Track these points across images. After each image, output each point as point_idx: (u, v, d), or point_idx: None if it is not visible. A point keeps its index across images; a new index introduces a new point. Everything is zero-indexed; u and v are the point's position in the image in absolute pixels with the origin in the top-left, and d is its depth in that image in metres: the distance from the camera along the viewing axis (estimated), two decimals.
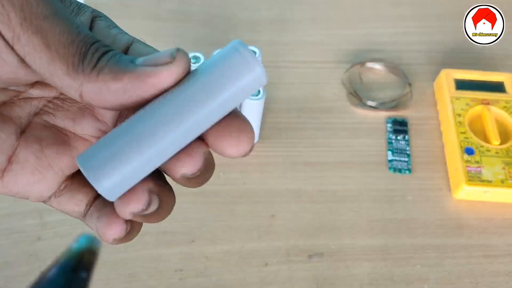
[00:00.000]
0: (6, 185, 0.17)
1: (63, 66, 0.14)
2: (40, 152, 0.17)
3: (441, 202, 0.40)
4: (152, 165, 0.15)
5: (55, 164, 0.17)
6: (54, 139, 0.17)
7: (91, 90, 0.14)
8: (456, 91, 0.44)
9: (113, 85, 0.14)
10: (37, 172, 0.17)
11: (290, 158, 0.42)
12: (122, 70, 0.14)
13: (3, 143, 0.16)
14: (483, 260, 0.36)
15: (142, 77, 0.14)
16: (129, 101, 0.14)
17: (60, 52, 0.14)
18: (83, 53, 0.14)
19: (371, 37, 0.52)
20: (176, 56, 0.14)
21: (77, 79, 0.14)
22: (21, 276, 0.34)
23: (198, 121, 0.15)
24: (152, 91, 0.14)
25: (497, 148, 0.40)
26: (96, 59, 0.14)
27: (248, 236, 0.37)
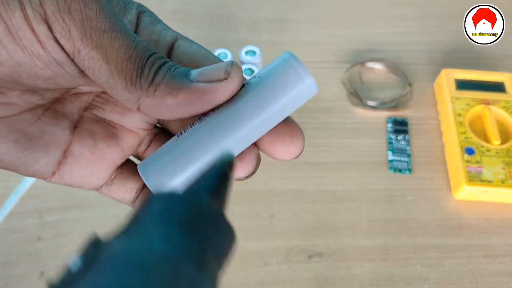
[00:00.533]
0: (61, 177, 0.18)
1: (122, 81, 0.14)
2: (93, 146, 0.18)
3: (441, 202, 0.40)
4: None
5: (107, 156, 0.18)
6: (105, 133, 0.18)
7: (148, 105, 0.15)
8: (457, 91, 0.44)
9: (169, 101, 0.14)
10: (91, 165, 0.18)
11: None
12: (178, 86, 0.14)
13: (58, 139, 0.17)
14: (483, 260, 0.36)
15: (198, 94, 0.14)
16: (185, 115, 0.15)
17: (119, 67, 0.14)
18: (140, 68, 0.14)
19: (371, 37, 0.52)
20: (231, 72, 0.15)
21: (135, 94, 0.15)
22: (21, 276, 0.34)
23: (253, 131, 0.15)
24: (207, 107, 0.15)
25: (497, 148, 0.40)
26: (153, 74, 0.15)
27: (248, 236, 0.37)
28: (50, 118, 0.17)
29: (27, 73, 0.15)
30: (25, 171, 0.17)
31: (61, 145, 0.17)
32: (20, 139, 0.16)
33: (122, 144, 0.18)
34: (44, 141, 0.17)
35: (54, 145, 0.17)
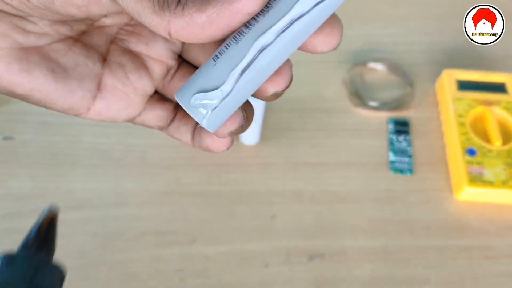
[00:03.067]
0: (98, 111, 0.18)
1: (150, 5, 0.14)
2: (125, 78, 0.18)
3: (442, 203, 0.39)
4: (248, 94, 0.15)
5: (140, 87, 0.18)
6: (135, 64, 0.18)
7: (178, 26, 0.14)
8: (458, 91, 0.44)
9: (199, 18, 0.14)
10: (125, 97, 0.18)
11: (291, 159, 0.42)
12: (205, 1, 0.14)
13: (90, 71, 0.17)
14: (484, 261, 0.36)
15: (226, 5, 0.14)
16: (217, 32, 0.14)
17: None
18: None
19: (372, 37, 0.52)
20: None
21: (164, 16, 0.14)
22: None
23: (293, 48, 0.15)
24: (238, 18, 0.14)
25: (498, 149, 0.40)
26: None
27: (249, 237, 0.37)
28: (81, 49, 0.17)
29: (63, 0, 0.15)
30: (62, 104, 0.17)
31: (94, 77, 0.18)
32: (55, 68, 0.17)
33: (152, 74, 0.19)
34: (77, 73, 0.17)
35: (88, 77, 0.17)
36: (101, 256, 0.36)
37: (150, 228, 0.37)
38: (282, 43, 0.14)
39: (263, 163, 0.42)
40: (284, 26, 0.14)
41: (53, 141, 0.33)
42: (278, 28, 0.14)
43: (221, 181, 0.40)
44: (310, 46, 0.16)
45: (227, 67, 0.15)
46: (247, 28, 0.14)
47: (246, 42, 0.14)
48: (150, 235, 0.37)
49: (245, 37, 0.14)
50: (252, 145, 0.43)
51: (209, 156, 0.42)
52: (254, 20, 0.14)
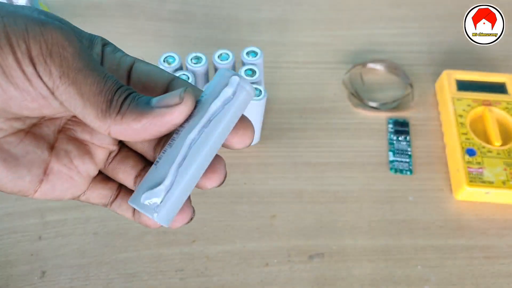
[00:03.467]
0: (44, 192, 0.20)
1: (93, 112, 0.17)
2: (70, 163, 0.20)
3: (442, 203, 0.40)
4: (191, 188, 0.18)
5: (83, 170, 0.21)
6: (79, 150, 0.21)
7: (117, 130, 0.18)
8: (458, 92, 0.44)
9: (134, 125, 0.17)
10: (70, 179, 0.21)
11: (291, 159, 0.42)
12: (141, 113, 0.17)
13: (39, 158, 0.20)
14: (484, 261, 0.36)
15: (158, 117, 0.17)
16: (149, 136, 0.18)
17: (91, 100, 0.17)
18: (109, 101, 0.17)
19: (372, 37, 0.52)
20: (184, 97, 0.17)
21: (106, 122, 0.17)
22: (22, 275, 0.35)
23: (217, 142, 0.18)
24: (167, 127, 0.18)
25: (498, 149, 0.40)
26: (120, 104, 0.17)
27: (249, 237, 0.37)
28: (31, 140, 0.20)
29: (17, 105, 0.18)
30: (11, 188, 0.19)
31: (42, 164, 0.20)
32: (7, 158, 0.19)
33: (94, 159, 0.21)
34: (27, 160, 0.19)
35: (36, 163, 0.20)
36: (101, 256, 0.36)
37: (151, 228, 0.37)
38: (206, 136, 0.18)
39: (263, 163, 0.42)
40: (205, 123, 0.18)
41: None
42: (200, 125, 0.18)
43: None
44: (229, 144, 0.19)
45: (166, 165, 0.18)
46: (177, 134, 0.18)
47: (178, 142, 0.18)
48: (151, 234, 0.37)
49: (176, 140, 0.18)
50: (252, 145, 0.43)
51: None
52: (181, 127, 0.18)
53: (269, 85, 0.47)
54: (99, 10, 0.53)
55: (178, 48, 0.50)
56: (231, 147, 0.19)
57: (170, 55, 0.39)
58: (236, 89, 0.18)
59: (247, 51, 0.39)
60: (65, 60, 0.17)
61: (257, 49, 0.39)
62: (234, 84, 0.18)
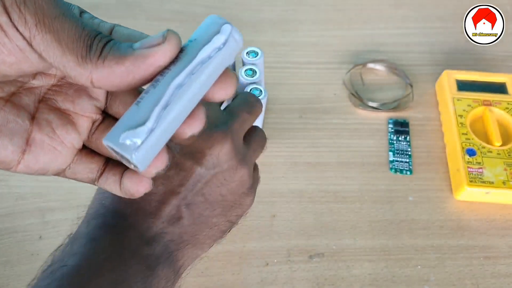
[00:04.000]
0: (27, 165, 0.20)
1: (73, 58, 0.17)
2: (52, 132, 0.20)
3: (442, 203, 0.40)
4: (171, 133, 0.17)
5: (67, 141, 0.20)
6: (61, 120, 0.20)
7: (99, 76, 0.17)
8: (458, 92, 0.44)
9: (117, 69, 0.17)
10: (53, 150, 0.20)
11: (292, 159, 0.42)
12: (123, 55, 0.17)
13: (20, 128, 0.19)
14: (484, 262, 0.36)
15: (141, 58, 0.17)
16: (134, 82, 0.17)
17: (70, 46, 0.17)
18: (89, 45, 0.17)
19: (372, 38, 0.52)
20: (167, 37, 0.17)
21: (86, 68, 0.17)
22: (23, 275, 0.35)
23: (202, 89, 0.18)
24: (152, 70, 0.17)
25: (498, 149, 0.40)
26: (101, 49, 0.17)
27: (249, 236, 0.37)
28: (11, 109, 0.19)
29: None
30: None
31: (23, 133, 0.19)
32: None
33: (78, 128, 0.21)
34: (8, 129, 0.19)
35: (18, 133, 0.19)
36: None
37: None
38: (193, 82, 0.17)
39: (263, 162, 0.42)
40: (192, 68, 0.17)
41: None
42: (188, 71, 0.17)
43: None
44: (211, 95, 0.19)
45: (149, 106, 0.17)
46: (162, 76, 0.17)
47: (163, 85, 0.17)
48: None
49: (161, 82, 0.17)
50: None
51: None
52: (167, 69, 0.17)
53: (270, 85, 0.47)
54: (100, 10, 0.53)
55: None
56: (212, 98, 0.19)
57: None
58: (228, 37, 0.18)
59: (248, 51, 0.39)
60: (40, 7, 0.16)
61: (258, 49, 0.39)
62: (226, 32, 0.18)
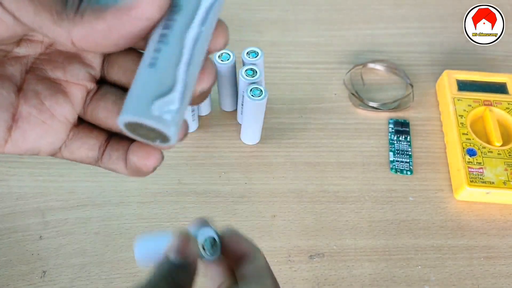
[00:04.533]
0: (15, 143, 0.17)
1: (48, 16, 0.15)
2: (40, 104, 0.18)
3: (442, 203, 0.40)
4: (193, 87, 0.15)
5: (58, 113, 0.18)
6: (51, 90, 0.18)
7: (79, 35, 0.15)
8: (458, 92, 0.44)
9: (98, 25, 0.14)
10: (42, 124, 0.18)
11: (292, 159, 0.42)
12: (104, 8, 0.14)
13: (4, 100, 0.17)
14: (484, 262, 0.36)
15: (124, 11, 0.14)
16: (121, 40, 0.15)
17: (43, 2, 0.15)
18: (63, 1, 0.15)
19: (372, 38, 0.52)
20: None
21: (64, 26, 0.15)
22: (23, 275, 0.35)
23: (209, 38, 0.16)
24: (139, 24, 0.15)
25: (499, 149, 0.40)
26: (78, 3, 0.15)
27: (250, 236, 0.37)
28: None
29: None
30: None
31: (9, 107, 0.17)
32: None
33: (70, 99, 0.18)
34: None
35: (2, 106, 0.17)
36: (102, 255, 0.36)
37: (152, 227, 0.37)
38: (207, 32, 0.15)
39: (263, 162, 0.42)
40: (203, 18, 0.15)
41: None
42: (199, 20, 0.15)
43: (222, 180, 0.40)
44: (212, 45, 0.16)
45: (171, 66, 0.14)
46: (169, 30, 0.15)
47: (176, 40, 0.14)
48: None
49: (171, 37, 0.15)
50: (252, 144, 0.43)
51: (210, 156, 0.42)
52: (171, 21, 0.15)
53: (270, 85, 0.47)
54: None
55: None
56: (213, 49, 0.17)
57: None
58: None
59: (248, 51, 0.39)
60: None
61: (258, 49, 0.39)
62: None
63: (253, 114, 0.39)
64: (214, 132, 0.44)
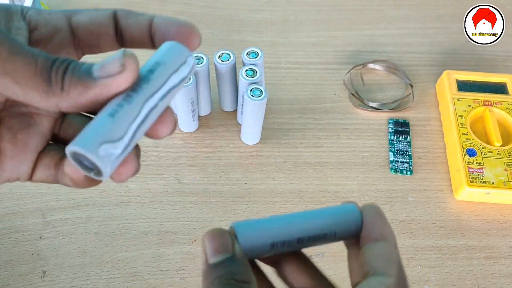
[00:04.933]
0: None
1: (36, 95, 0.17)
2: (14, 138, 0.20)
3: (442, 203, 0.40)
4: (135, 142, 0.19)
5: (30, 144, 0.20)
6: (22, 124, 0.20)
7: (66, 105, 0.17)
8: (458, 92, 0.44)
9: (82, 100, 0.17)
10: (17, 156, 0.20)
11: (292, 159, 0.42)
12: (85, 86, 0.17)
13: None
14: (484, 262, 0.36)
15: (103, 88, 0.17)
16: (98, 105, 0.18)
17: (29, 84, 0.17)
18: (47, 80, 0.17)
19: (372, 38, 0.52)
20: (125, 64, 0.17)
21: (52, 101, 0.17)
22: (23, 275, 0.35)
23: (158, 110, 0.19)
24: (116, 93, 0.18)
25: (499, 150, 0.40)
26: (61, 80, 0.17)
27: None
28: None
29: None
30: None
31: None
32: None
33: (40, 129, 0.20)
34: None
35: None
36: (102, 255, 0.36)
37: (152, 227, 0.37)
38: (163, 105, 0.19)
39: (263, 162, 0.42)
40: (164, 94, 0.19)
41: None
42: (160, 95, 0.19)
43: (222, 180, 0.40)
44: (154, 133, 0.19)
45: (125, 123, 0.18)
46: (135, 93, 0.18)
47: (137, 103, 0.18)
48: (152, 234, 0.37)
49: (134, 99, 0.18)
50: (252, 144, 0.43)
51: (210, 156, 0.42)
52: (139, 87, 0.18)
53: (270, 85, 0.47)
54: None
55: None
56: (155, 136, 0.19)
57: None
58: (191, 69, 0.20)
59: (248, 52, 0.39)
60: None
61: (258, 49, 0.40)
62: (191, 64, 0.20)
63: (253, 114, 0.39)
64: (214, 132, 0.44)
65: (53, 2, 0.54)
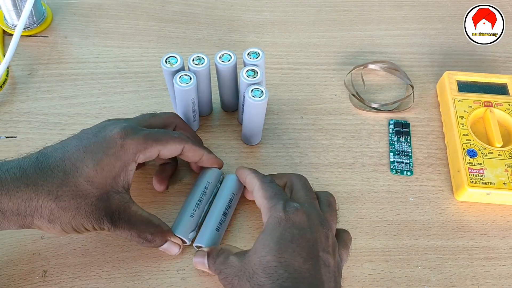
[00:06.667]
0: None
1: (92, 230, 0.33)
2: None
3: (443, 203, 0.40)
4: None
5: None
6: None
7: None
8: (459, 93, 0.44)
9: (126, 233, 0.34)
10: None
11: (292, 159, 0.42)
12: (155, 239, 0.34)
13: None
14: (485, 263, 0.36)
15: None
16: None
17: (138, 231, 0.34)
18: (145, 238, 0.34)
19: (373, 39, 0.52)
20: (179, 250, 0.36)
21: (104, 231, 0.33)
22: (24, 275, 0.35)
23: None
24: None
25: (499, 150, 0.40)
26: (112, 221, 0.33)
27: (250, 236, 0.37)
28: None
29: None
30: None
31: None
32: None
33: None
34: None
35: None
36: (103, 255, 0.36)
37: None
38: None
39: (264, 163, 0.42)
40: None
41: (55, 141, 0.33)
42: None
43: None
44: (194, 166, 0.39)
45: (197, 220, 0.36)
46: (207, 204, 0.37)
47: (211, 213, 0.37)
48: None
49: (211, 208, 0.37)
50: (253, 145, 0.43)
51: None
52: (212, 200, 0.37)
53: (271, 85, 0.47)
54: (101, 11, 0.54)
55: (180, 49, 0.50)
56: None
57: (172, 55, 0.39)
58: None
59: (249, 52, 0.39)
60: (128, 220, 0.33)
61: (259, 50, 0.40)
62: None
63: (254, 114, 0.39)
64: (215, 133, 0.44)
65: (53, 2, 0.54)
